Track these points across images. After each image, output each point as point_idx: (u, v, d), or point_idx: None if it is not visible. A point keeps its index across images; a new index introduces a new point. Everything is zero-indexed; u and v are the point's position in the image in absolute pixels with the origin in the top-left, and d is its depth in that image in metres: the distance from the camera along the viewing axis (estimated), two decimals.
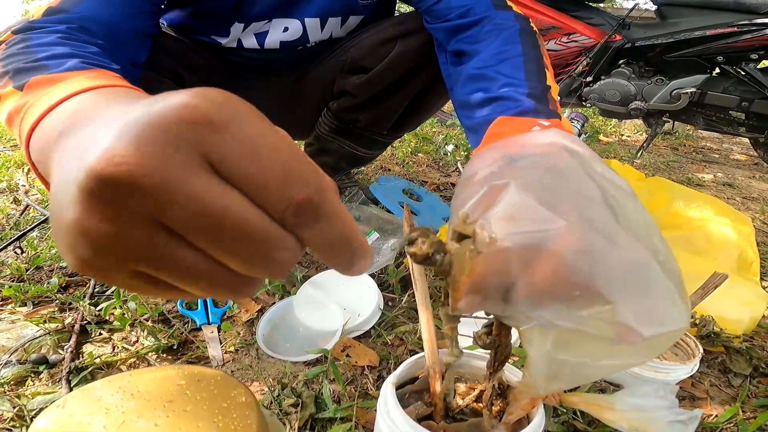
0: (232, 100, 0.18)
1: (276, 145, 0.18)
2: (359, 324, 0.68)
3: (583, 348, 0.29)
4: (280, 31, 0.83)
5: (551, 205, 0.28)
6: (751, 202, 1.45)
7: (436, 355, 0.44)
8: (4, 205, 1.10)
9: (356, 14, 0.86)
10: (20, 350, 0.59)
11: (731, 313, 0.68)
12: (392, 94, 0.87)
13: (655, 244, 0.29)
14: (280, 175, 0.17)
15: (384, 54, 0.83)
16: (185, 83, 0.83)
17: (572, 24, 1.93)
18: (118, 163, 0.15)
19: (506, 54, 0.59)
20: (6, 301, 0.72)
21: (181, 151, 0.16)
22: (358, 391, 0.56)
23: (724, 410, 0.55)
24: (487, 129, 0.54)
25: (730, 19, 1.71)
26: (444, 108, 2.44)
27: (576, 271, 0.26)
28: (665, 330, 0.27)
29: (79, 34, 0.49)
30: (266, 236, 0.18)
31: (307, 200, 0.18)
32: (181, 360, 0.61)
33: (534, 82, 0.56)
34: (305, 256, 0.89)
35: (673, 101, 1.84)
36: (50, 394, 0.53)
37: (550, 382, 0.32)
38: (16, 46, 0.45)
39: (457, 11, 0.67)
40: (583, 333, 0.27)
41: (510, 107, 0.53)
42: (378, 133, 1.00)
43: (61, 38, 0.46)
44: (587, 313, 0.27)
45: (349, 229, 0.19)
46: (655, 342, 0.27)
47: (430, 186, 1.31)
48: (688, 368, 0.50)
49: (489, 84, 0.57)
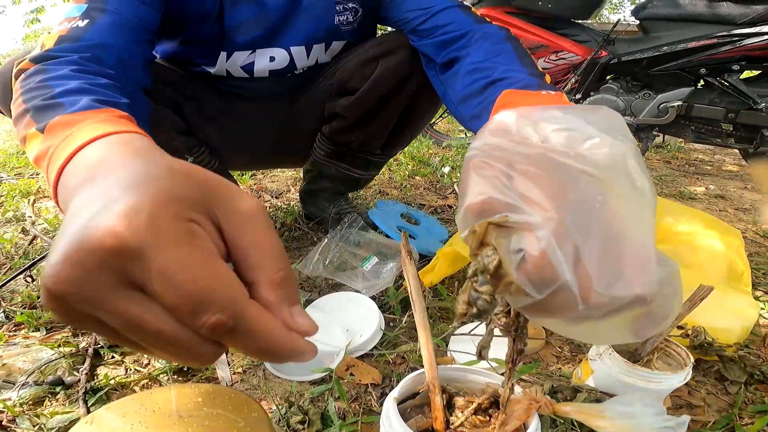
0: (159, 222, 0.20)
1: (193, 271, 0.20)
2: (362, 344, 0.70)
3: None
4: (267, 60, 0.86)
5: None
6: (743, 213, 1.48)
7: (435, 371, 0.46)
8: (13, 235, 1.13)
9: (339, 39, 0.90)
10: (36, 372, 0.61)
11: (723, 323, 0.70)
12: (380, 111, 0.91)
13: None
14: (192, 301, 0.20)
15: (368, 74, 0.87)
16: (183, 111, 0.87)
17: (559, 42, 1.99)
18: (54, 281, 0.20)
19: (499, 51, 0.63)
20: (19, 326, 0.74)
21: (104, 272, 0.20)
22: (362, 407, 0.58)
23: (721, 417, 0.57)
24: (494, 104, 0.54)
25: (710, 30, 1.76)
26: (440, 129, 2.49)
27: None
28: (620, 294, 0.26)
29: (90, 64, 0.52)
30: (180, 343, 0.21)
31: (219, 323, 0.20)
32: (191, 381, 0.63)
33: (531, 68, 0.58)
34: (307, 280, 0.92)
35: (661, 115, 1.89)
36: (68, 413, 0.55)
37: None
38: (33, 78, 0.48)
39: (443, 28, 0.71)
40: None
41: (514, 83, 0.55)
42: (371, 152, 1.03)
43: (74, 71, 0.49)
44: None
45: (273, 341, 0.22)
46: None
47: (427, 209, 1.33)
48: (680, 377, 0.52)
49: (488, 72, 0.59)
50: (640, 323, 0.27)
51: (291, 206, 1.31)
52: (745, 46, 1.70)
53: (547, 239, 0.25)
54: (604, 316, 0.26)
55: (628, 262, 0.26)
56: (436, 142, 2.23)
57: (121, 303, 0.20)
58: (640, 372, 0.52)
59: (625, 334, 0.28)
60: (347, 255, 0.92)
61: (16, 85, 0.49)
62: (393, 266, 0.88)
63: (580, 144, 0.27)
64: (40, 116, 0.41)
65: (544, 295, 0.25)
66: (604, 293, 0.25)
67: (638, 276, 0.26)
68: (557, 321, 0.28)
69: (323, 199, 1.15)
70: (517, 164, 0.27)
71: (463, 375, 0.48)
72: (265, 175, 1.70)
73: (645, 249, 0.27)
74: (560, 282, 0.25)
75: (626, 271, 0.26)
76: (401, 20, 0.79)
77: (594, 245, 0.25)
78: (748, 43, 1.69)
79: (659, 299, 0.27)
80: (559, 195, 0.26)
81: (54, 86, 0.45)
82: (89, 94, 0.43)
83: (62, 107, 0.41)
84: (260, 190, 1.53)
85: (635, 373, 0.52)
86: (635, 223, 0.27)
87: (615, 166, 0.27)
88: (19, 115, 0.44)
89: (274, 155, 1.10)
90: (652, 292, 0.26)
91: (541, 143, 0.28)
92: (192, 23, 0.78)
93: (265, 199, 1.44)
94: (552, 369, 0.66)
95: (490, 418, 0.44)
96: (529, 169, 0.27)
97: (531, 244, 0.25)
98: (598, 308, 0.25)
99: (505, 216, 0.26)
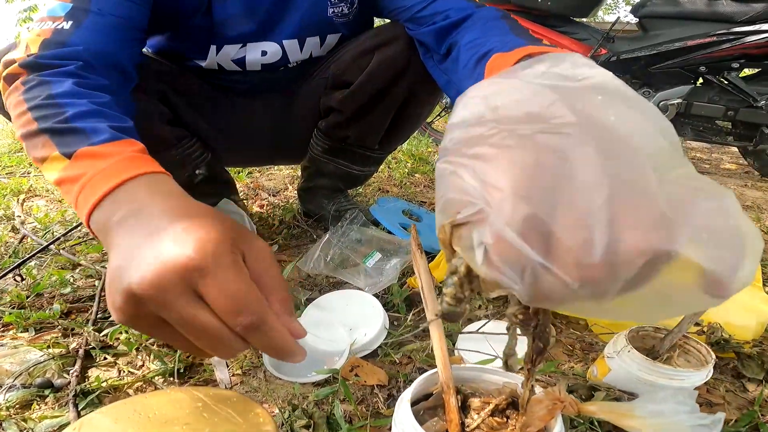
0: (219, 252, 0.30)
1: (238, 287, 0.29)
2: (366, 343, 0.67)
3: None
4: (259, 53, 0.84)
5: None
6: (745, 211, 1.47)
7: (449, 371, 0.44)
8: (3, 234, 1.09)
9: (333, 32, 0.87)
10: (24, 374, 0.58)
11: (739, 320, 0.68)
12: (376, 105, 0.88)
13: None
14: (236, 308, 0.29)
15: (363, 66, 0.84)
16: (172, 102, 0.85)
17: (559, 40, 1.98)
18: (140, 285, 0.29)
19: (494, 27, 0.61)
20: (7, 327, 0.71)
21: (178, 283, 0.29)
22: (369, 410, 0.55)
23: (743, 414, 0.55)
24: (485, 71, 0.52)
25: (709, 29, 1.75)
26: (438, 128, 2.48)
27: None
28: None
29: (87, 75, 0.54)
30: (221, 336, 0.30)
31: (250, 324, 0.29)
32: (189, 383, 0.60)
33: (525, 39, 0.56)
34: (308, 278, 0.89)
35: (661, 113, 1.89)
36: (57, 417, 0.52)
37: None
38: (36, 91, 0.50)
39: (442, 14, 0.69)
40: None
41: (504, 46, 0.53)
42: (369, 148, 1.00)
43: (75, 84, 0.51)
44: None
45: (281, 341, 0.31)
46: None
47: (428, 206, 1.31)
48: (703, 374, 0.50)
49: (479, 47, 0.58)
50: (711, 273, 0.21)
51: (289, 203, 1.28)
52: (745, 44, 1.70)
53: (498, 223, 0.22)
54: (629, 287, 0.22)
55: (628, 212, 0.21)
56: (435, 140, 2.22)
57: (185, 304, 0.29)
58: (661, 369, 0.50)
59: (692, 297, 0.22)
60: (349, 251, 0.90)
61: (13, 93, 0.51)
62: (396, 263, 0.85)
63: (530, 103, 0.24)
64: (61, 141, 0.45)
65: (524, 282, 0.22)
66: (595, 262, 0.21)
67: (644, 227, 0.21)
68: (582, 306, 0.23)
69: (322, 196, 1.13)
70: (476, 150, 0.25)
71: (478, 375, 0.45)
72: (261, 173, 1.67)
73: (651, 188, 0.22)
74: (526, 262, 0.22)
75: (626, 224, 0.21)
76: (400, 8, 0.77)
77: (571, 209, 0.22)
78: (747, 41, 1.69)
79: (706, 238, 0.21)
80: (515, 168, 0.23)
81: (65, 106, 0.47)
82: (103, 118, 0.47)
83: (84, 135, 0.45)
84: (257, 188, 1.50)
85: (656, 371, 0.50)
86: (633, 157, 0.22)
87: (583, 106, 0.24)
88: (31, 134, 0.47)
89: (270, 151, 1.07)
90: (675, 240, 0.21)
91: (492, 118, 0.25)
92: (181, 17, 0.76)
93: (263, 197, 1.41)
94: (564, 368, 0.64)
95: (508, 419, 0.42)
96: (485, 151, 0.24)
97: (487, 233, 0.23)
98: (600, 282, 0.21)
99: (456, 213, 0.24)
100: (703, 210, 0.22)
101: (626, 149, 0.23)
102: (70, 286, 0.83)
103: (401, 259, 0.86)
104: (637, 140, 0.23)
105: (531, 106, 0.24)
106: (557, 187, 0.22)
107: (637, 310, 0.24)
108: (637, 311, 0.24)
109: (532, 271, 0.22)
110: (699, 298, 0.22)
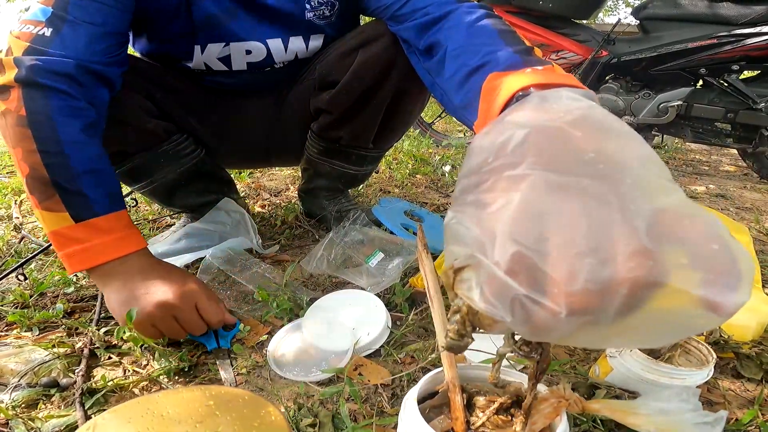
0: (183, 300, 0.63)
1: (191, 318, 0.64)
2: (369, 343, 0.67)
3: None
4: (243, 52, 0.85)
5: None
6: (745, 212, 1.48)
7: (455, 370, 0.44)
8: (5, 233, 1.09)
9: (317, 33, 0.87)
10: (30, 374, 0.58)
11: (739, 320, 0.68)
12: (365, 103, 0.88)
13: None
14: (189, 327, 0.65)
15: (348, 65, 0.84)
16: (159, 101, 0.87)
17: (560, 41, 1.98)
18: (148, 313, 0.62)
19: (479, 31, 0.59)
20: (11, 326, 0.71)
21: (165, 314, 0.62)
22: (374, 409, 0.56)
23: (744, 413, 0.55)
24: (481, 91, 0.51)
25: (710, 31, 1.75)
26: (438, 129, 2.48)
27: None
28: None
29: (75, 96, 0.62)
30: (180, 335, 0.65)
31: (216, 324, 0.67)
32: (194, 383, 0.60)
33: (515, 45, 0.54)
34: (310, 278, 0.90)
35: (661, 115, 1.88)
36: (64, 417, 0.52)
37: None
38: (41, 125, 0.59)
39: (422, 11, 0.68)
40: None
41: (498, 64, 0.51)
42: (363, 147, 1.00)
43: (82, 126, 0.62)
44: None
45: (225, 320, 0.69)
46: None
47: (430, 207, 1.31)
48: (704, 374, 0.50)
49: (468, 57, 0.56)
50: (704, 297, 0.23)
51: (291, 203, 1.29)
52: (745, 46, 1.70)
53: (489, 264, 0.25)
54: (622, 314, 0.23)
55: (610, 244, 0.23)
56: (435, 141, 2.22)
57: (170, 322, 0.63)
58: (663, 368, 0.51)
59: (691, 319, 0.24)
60: (351, 251, 0.90)
61: (13, 115, 0.59)
62: (399, 263, 0.86)
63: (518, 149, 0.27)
64: (70, 203, 0.60)
65: (515, 314, 0.25)
66: (579, 291, 0.23)
67: (624, 257, 0.23)
68: (581, 336, 0.26)
69: (323, 197, 1.13)
70: (473, 197, 0.28)
71: (483, 374, 0.46)
72: (263, 174, 1.67)
73: (630, 219, 0.23)
74: (512, 296, 0.24)
75: (608, 255, 0.23)
76: (380, 7, 0.77)
77: (556, 245, 0.24)
78: (747, 43, 1.70)
79: (695, 263, 0.22)
80: (504, 211, 0.26)
81: (71, 159, 0.60)
82: (104, 182, 0.64)
83: (89, 205, 0.61)
84: (258, 188, 1.50)
85: (658, 370, 0.51)
86: (615, 189, 0.24)
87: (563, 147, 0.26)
88: (40, 179, 0.59)
89: (265, 153, 1.07)
90: (659, 269, 0.22)
91: (487, 165, 0.28)
92: (162, 20, 0.78)
93: (264, 197, 1.41)
94: (566, 367, 0.64)
95: (512, 417, 0.42)
96: (479, 198, 0.27)
97: (482, 274, 0.26)
98: (588, 310, 0.23)
99: (453, 262, 0.28)
100: (692, 236, 0.24)
101: (608, 182, 0.25)
102: (73, 286, 0.83)
103: (403, 260, 0.87)
104: (619, 172, 0.25)
105: (517, 152, 0.27)
106: (543, 225, 0.24)
107: (640, 336, 0.26)
108: (641, 336, 0.26)
109: (521, 304, 0.24)
110: (698, 320, 0.24)
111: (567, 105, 0.29)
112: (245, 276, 0.84)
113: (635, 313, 0.23)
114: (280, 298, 0.77)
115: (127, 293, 0.62)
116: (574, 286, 0.23)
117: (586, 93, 0.33)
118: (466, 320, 0.31)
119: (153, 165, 0.91)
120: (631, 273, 0.23)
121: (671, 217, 0.24)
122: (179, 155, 0.92)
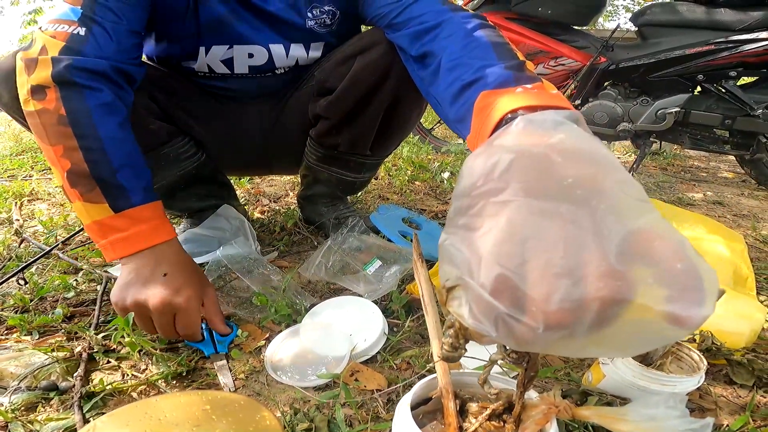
0: (185, 295, 0.64)
1: (191, 320, 0.65)
2: (366, 349, 0.68)
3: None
4: (246, 55, 0.87)
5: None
6: (741, 219, 1.48)
7: (448, 376, 0.45)
8: (6, 237, 1.10)
9: (317, 40, 0.89)
10: (29, 377, 0.59)
11: (731, 327, 0.69)
12: (362, 110, 0.89)
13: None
14: (184, 330, 0.66)
15: (345, 71, 0.85)
16: (161, 103, 0.89)
17: (559, 47, 1.99)
18: (152, 303, 0.63)
19: (473, 44, 0.60)
20: (11, 330, 0.72)
21: (165, 310, 0.63)
22: (369, 414, 0.56)
23: (735, 420, 0.56)
24: (473, 108, 0.52)
25: (707, 37, 1.76)
26: (437, 135, 2.49)
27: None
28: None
29: (112, 96, 0.66)
30: (172, 335, 0.66)
31: (187, 335, 0.66)
32: (191, 387, 0.61)
33: (508, 60, 0.55)
34: (308, 284, 0.90)
35: (659, 121, 1.89)
36: (62, 420, 0.53)
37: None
38: (82, 124, 0.62)
39: (417, 19, 0.69)
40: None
41: (490, 82, 0.52)
42: (361, 154, 1.00)
43: (118, 123, 0.66)
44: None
45: (217, 326, 0.70)
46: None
47: (428, 214, 1.32)
48: (695, 380, 0.51)
49: (463, 71, 0.57)
50: (669, 312, 0.26)
51: (291, 210, 1.29)
52: (743, 53, 1.71)
53: (476, 285, 0.28)
54: (595, 327, 0.26)
55: (582, 266, 0.26)
56: (434, 148, 2.23)
57: (166, 318, 0.63)
58: (654, 375, 0.51)
59: (659, 332, 0.27)
60: (349, 258, 0.91)
61: (52, 115, 0.62)
62: (396, 270, 0.86)
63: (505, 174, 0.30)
64: (110, 194, 0.63)
65: (499, 330, 0.28)
66: (554, 310, 0.26)
67: (594, 278, 0.26)
68: (559, 346, 0.29)
69: (321, 204, 1.14)
70: (463, 221, 0.30)
71: (476, 380, 0.46)
72: (263, 180, 1.68)
73: (603, 242, 0.26)
74: (496, 314, 0.27)
75: (580, 276, 0.26)
76: (377, 16, 0.78)
77: (535, 268, 0.27)
78: (745, 50, 1.70)
79: (662, 281, 0.26)
80: (491, 235, 0.28)
81: (110, 154, 0.63)
82: (139, 174, 0.67)
83: (127, 196, 0.64)
84: (258, 194, 1.51)
85: (649, 377, 0.51)
86: (591, 214, 0.27)
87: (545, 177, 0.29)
88: (81, 173, 0.62)
89: (265, 159, 1.08)
90: (627, 288, 0.25)
91: (476, 190, 0.31)
92: (169, 19, 0.80)
93: (263, 203, 1.42)
94: (560, 374, 0.65)
95: (504, 423, 0.43)
96: (469, 221, 0.30)
97: (470, 294, 0.29)
98: (562, 325, 0.26)
99: (446, 282, 0.31)
100: (661, 255, 0.27)
101: (584, 207, 0.28)
102: (73, 290, 0.84)
103: (401, 267, 0.87)
104: (595, 197, 0.28)
105: (503, 178, 0.30)
106: (524, 249, 0.27)
107: (616, 345, 0.29)
108: (617, 346, 0.29)
109: (503, 321, 0.27)
110: (666, 332, 0.27)
111: (550, 130, 0.32)
112: (251, 278, 0.85)
113: (608, 326, 0.27)
114: (279, 304, 0.78)
115: (133, 276, 0.64)
116: (550, 304, 0.26)
117: (570, 114, 0.34)
118: (459, 334, 0.34)
119: (154, 167, 0.92)
120: (600, 292, 0.26)
121: (643, 238, 0.27)
122: (180, 158, 0.93)
